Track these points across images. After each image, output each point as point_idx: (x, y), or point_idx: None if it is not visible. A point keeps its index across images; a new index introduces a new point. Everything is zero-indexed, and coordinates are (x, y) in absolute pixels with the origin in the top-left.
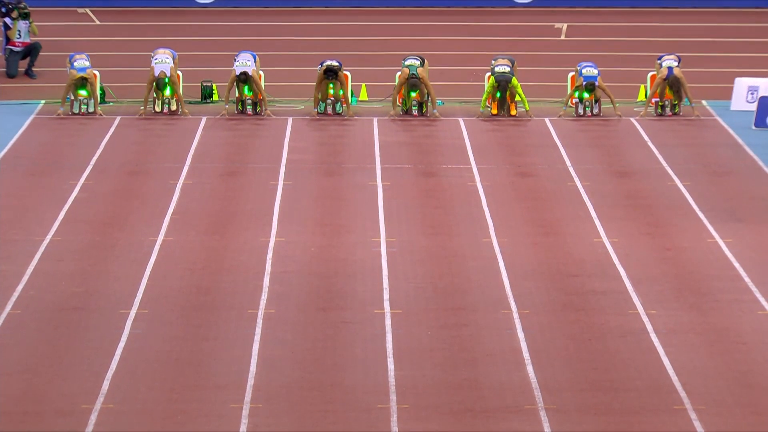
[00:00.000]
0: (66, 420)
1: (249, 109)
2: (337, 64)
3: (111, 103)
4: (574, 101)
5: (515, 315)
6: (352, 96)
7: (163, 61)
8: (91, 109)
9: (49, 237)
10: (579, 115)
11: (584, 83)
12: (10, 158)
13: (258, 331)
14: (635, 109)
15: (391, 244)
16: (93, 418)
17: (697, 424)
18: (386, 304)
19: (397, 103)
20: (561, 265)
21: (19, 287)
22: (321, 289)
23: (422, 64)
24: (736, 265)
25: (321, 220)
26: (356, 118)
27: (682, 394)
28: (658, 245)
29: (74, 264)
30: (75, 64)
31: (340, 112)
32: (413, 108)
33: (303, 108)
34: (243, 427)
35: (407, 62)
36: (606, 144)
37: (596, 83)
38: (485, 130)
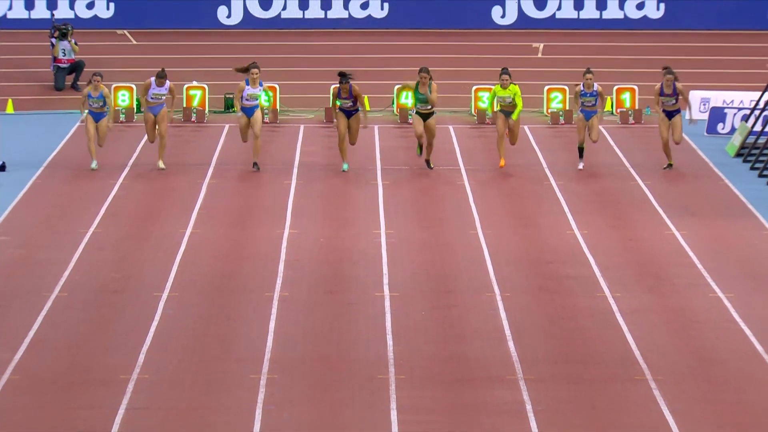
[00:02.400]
0: (107, 389)
1: (266, 118)
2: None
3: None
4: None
5: (498, 297)
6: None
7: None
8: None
9: (92, 229)
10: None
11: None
12: (59, 160)
13: (274, 311)
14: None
15: (389, 235)
16: (130, 387)
17: (656, 393)
18: (386, 288)
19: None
20: (538, 253)
21: (66, 273)
22: (329, 275)
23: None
24: (690, 253)
25: (328, 215)
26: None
27: (644, 366)
28: (622, 236)
29: (114, 253)
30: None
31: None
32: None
33: (313, 117)
34: (261, 396)
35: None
36: (576, 148)
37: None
38: (472, 136)
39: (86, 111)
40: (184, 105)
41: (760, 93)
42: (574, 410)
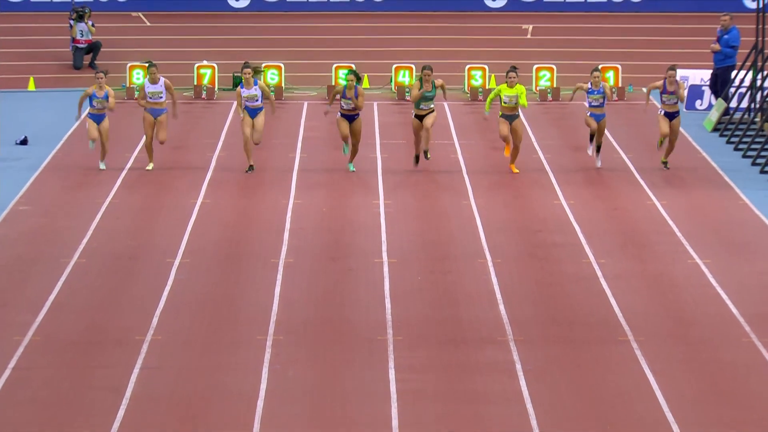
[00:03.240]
0: (122, 349)
1: (272, 94)
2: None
3: None
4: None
5: (489, 263)
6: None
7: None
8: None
9: (108, 200)
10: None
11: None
12: (77, 135)
13: (279, 276)
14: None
15: (388, 205)
16: (144, 347)
17: (637, 352)
18: (384, 255)
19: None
20: (527, 222)
21: (84, 240)
22: (331, 243)
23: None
24: (670, 222)
25: (330, 186)
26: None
27: (626, 328)
28: (607, 206)
29: (129, 222)
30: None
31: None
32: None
33: (316, 94)
34: (267, 356)
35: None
36: (564, 124)
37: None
38: (465, 112)
39: (86, 113)
40: (195, 83)
41: (735, 72)
42: (561, 369)
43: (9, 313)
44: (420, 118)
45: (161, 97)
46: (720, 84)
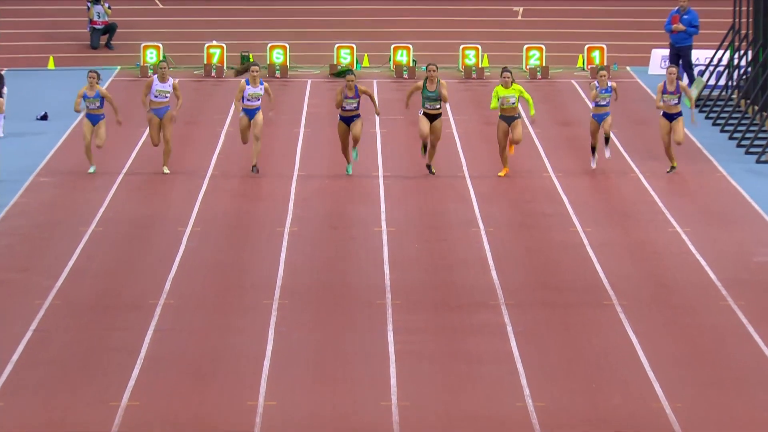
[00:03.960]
0: (137, 312)
1: (278, 73)
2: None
3: (171, 69)
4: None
5: (482, 232)
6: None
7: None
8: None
9: (124, 171)
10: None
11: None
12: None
13: (284, 244)
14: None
15: (387, 178)
16: (158, 310)
17: (621, 316)
18: (383, 224)
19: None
20: (518, 193)
21: (101, 210)
22: (333, 212)
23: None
24: (652, 193)
25: (332, 158)
26: (360, 81)
27: (611, 292)
28: (592, 178)
29: (143, 192)
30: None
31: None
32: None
33: (318, 72)
34: (273, 319)
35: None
36: (553, 100)
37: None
38: (459, 90)
39: (83, 112)
40: (205, 62)
41: (713, 51)
42: (550, 331)
43: (30, 278)
44: (428, 116)
45: (166, 97)
46: (684, 61)
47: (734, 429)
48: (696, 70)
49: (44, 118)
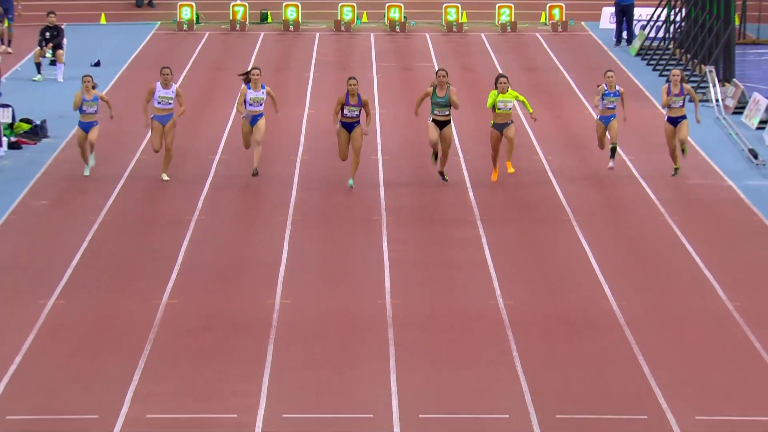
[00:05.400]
0: (175, 226)
1: (291, 28)
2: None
3: (203, 24)
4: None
5: (462, 159)
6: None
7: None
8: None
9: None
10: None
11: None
12: (140, 58)
13: (297, 172)
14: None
15: (382, 114)
16: (192, 225)
17: (577, 230)
18: (379, 153)
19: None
20: (489, 125)
21: (143, 142)
22: (336, 143)
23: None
24: None
25: (335, 99)
26: (360, 34)
27: (568, 211)
28: (553, 114)
29: (180, 125)
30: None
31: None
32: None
33: (325, 27)
34: (287, 232)
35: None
36: (520, 50)
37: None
38: (443, 42)
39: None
40: (231, 18)
41: (653, 9)
42: (518, 242)
43: (87, 198)
44: (437, 123)
45: (170, 103)
46: (627, 17)
47: (668, 321)
48: (639, 25)
49: (97, 64)
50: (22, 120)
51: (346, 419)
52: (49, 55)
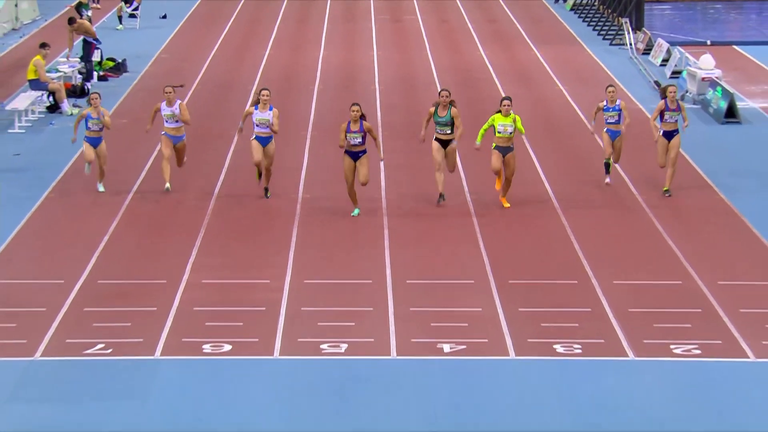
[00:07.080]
0: (222, 139)
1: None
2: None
3: None
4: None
5: (438, 87)
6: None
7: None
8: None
9: (218, 42)
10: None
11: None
12: (195, 14)
13: (315, 96)
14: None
15: (379, 55)
16: (234, 139)
17: (524, 140)
18: (377, 83)
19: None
20: (460, 64)
21: (203, 69)
22: (344, 76)
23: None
24: (545, 64)
25: (344, 44)
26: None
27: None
28: (508, 55)
29: (228, 56)
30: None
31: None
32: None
33: None
34: (307, 144)
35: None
36: (485, 6)
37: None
38: (426, 1)
39: (80, 134)
40: None
41: None
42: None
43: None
44: (440, 141)
45: (177, 122)
46: None
47: (590, 203)
48: None
49: (164, 17)
50: (108, 59)
51: (352, 284)
52: (127, 9)
